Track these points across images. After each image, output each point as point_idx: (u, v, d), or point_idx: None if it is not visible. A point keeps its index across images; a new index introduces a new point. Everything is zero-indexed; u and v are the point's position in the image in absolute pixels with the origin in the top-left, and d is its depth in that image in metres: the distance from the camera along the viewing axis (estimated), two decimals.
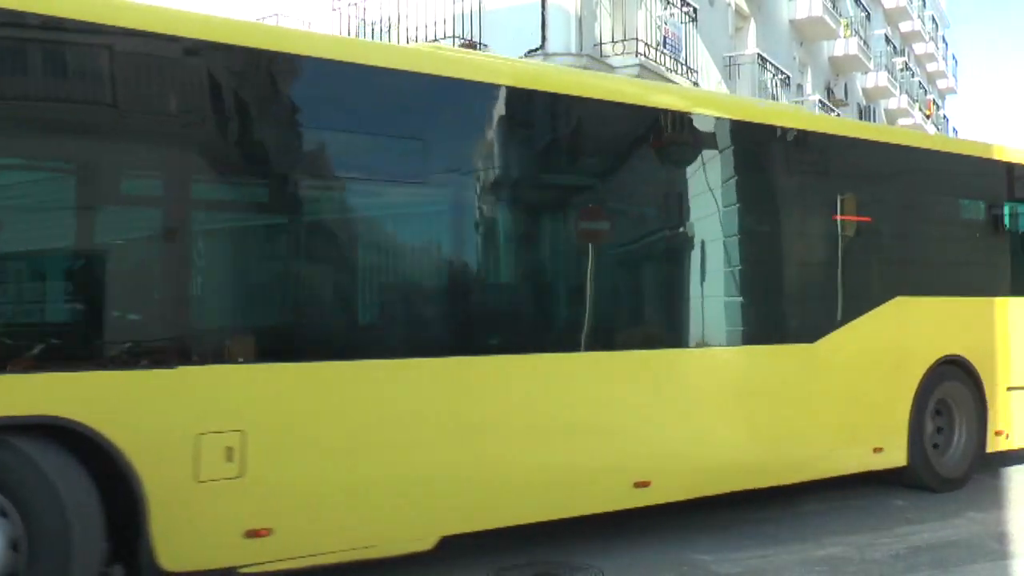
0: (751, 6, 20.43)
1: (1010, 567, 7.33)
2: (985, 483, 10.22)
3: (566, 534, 8.22)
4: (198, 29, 5.33)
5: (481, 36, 13.35)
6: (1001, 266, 10.18)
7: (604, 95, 7.33)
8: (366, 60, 6.10)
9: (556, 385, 6.83)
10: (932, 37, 43.83)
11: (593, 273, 7.30)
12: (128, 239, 5.28)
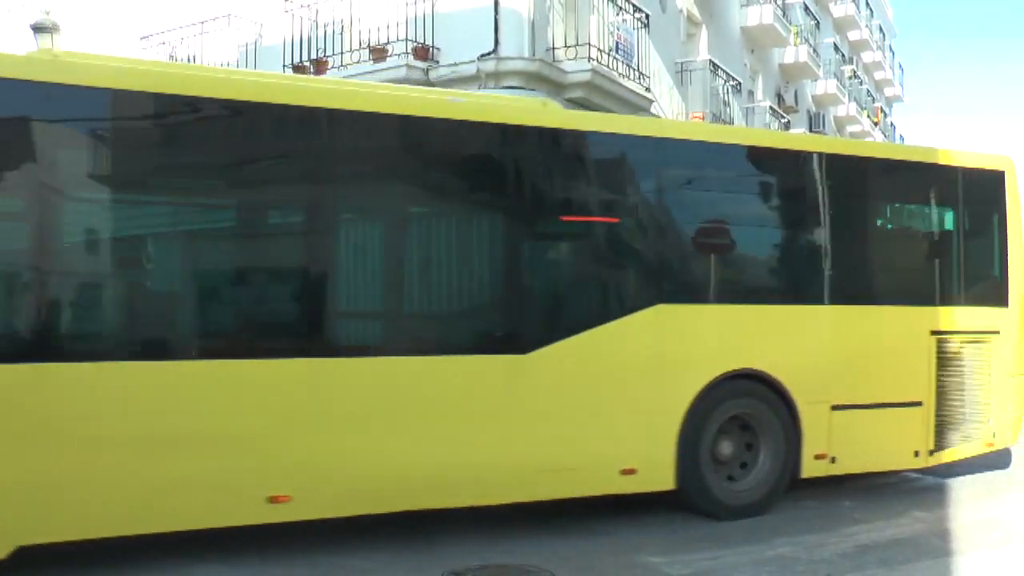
0: (703, 13, 20.61)
1: (952, 564, 7.46)
2: (929, 483, 10.40)
3: (519, 536, 8.22)
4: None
5: (434, 40, 13.33)
6: (818, 271, 9.22)
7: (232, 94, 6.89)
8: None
9: (170, 394, 6.49)
10: (879, 46, 44.51)
11: (217, 275, 7.12)
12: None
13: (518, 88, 12.94)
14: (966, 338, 9.61)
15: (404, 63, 13.01)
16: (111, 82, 6.43)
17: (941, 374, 9.47)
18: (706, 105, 18.97)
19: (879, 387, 9.20)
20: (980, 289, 9.96)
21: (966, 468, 11.15)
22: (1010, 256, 9.95)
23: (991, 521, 8.73)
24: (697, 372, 8.33)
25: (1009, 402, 9.82)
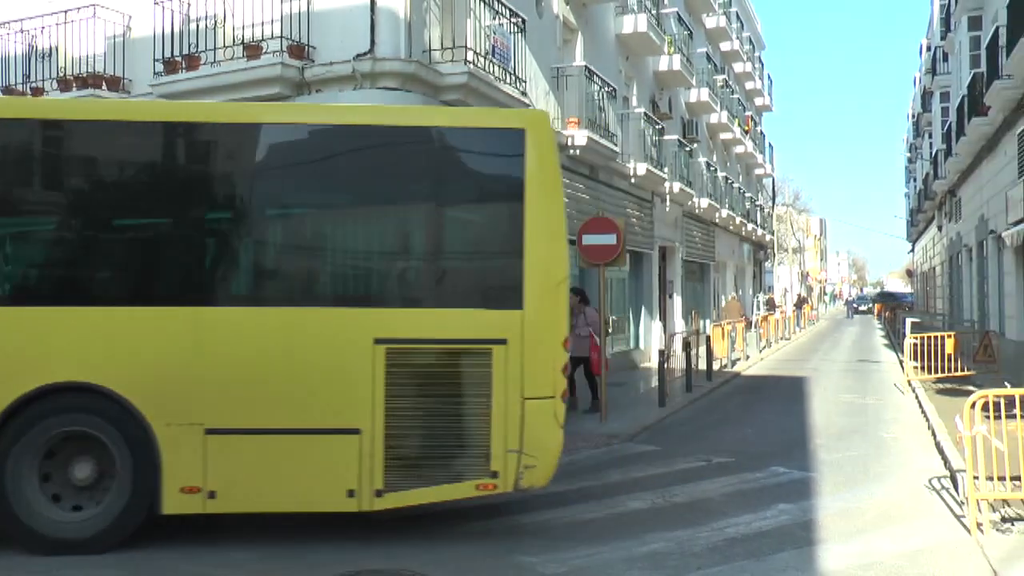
0: (579, 20, 20.89)
1: (814, 552, 7.75)
2: (795, 477, 10.78)
3: (394, 539, 8.18)
4: None
5: (309, 38, 13.14)
6: (185, 265, 8.15)
7: None
8: None
9: None
10: (750, 58, 45.95)
11: None
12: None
13: (394, 89, 12.87)
14: (444, 349, 7.86)
15: (279, 61, 12.76)
16: None
17: (397, 395, 7.74)
18: (582, 111, 19.22)
19: (285, 408, 7.75)
20: (475, 285, 8.26)
21: (828, 461, 11.65)
22: (529, 243, 7.97)
23: (849, 511, 9.13)
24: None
25: (527, 432, 7.84)
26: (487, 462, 7.81)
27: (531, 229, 7.95)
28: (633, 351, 25.61)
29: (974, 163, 26.95)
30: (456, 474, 7.80)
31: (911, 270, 72.23)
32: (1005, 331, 22.13)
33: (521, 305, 7.88)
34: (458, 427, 7.82)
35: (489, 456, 7.81)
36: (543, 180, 8.05)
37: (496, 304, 7.99)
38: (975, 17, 26.43)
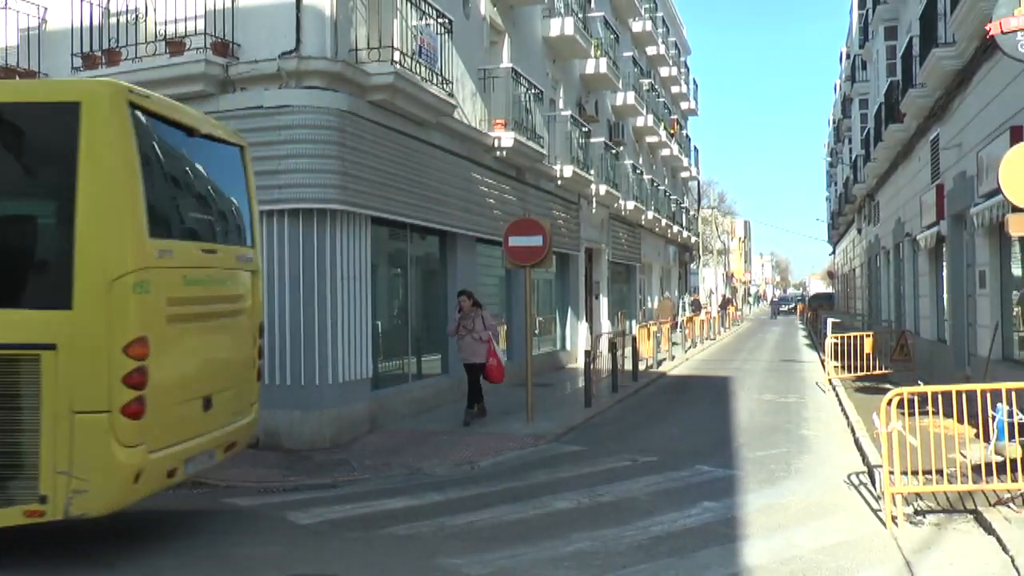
0: (506, 22, 20.91)
1: (737, 548, 7.85)
2: (719, 475, 10.89)
3: (316, 545, 8.10)
4: None
5: (234, 35, 12.91)
6: None
7: None
8: None
9: None
10: (675, 62, 46.48)
11: None
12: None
13: (320, 88, 12.74)
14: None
15: (203, 58, 12.51)
16: None
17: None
18: (509, 112, 19.24)
19: None
20: (16, 282, 7.18)
21: (752, 459, 11.83)
22: (81, 234, 6.98)
23: (772, 507, 9.27)
24: None
25: (76, 452, 6.80)
26: (36, 485, 6.78)
27: (84, 218, 6.94)
28: (559, 352, 25.72)
29: (891, 168, 27.65)
30: (6, 498, 6.78)
31: (832, 271, 73.78)
32: (920, 331, 22.74)
33: (70, 305, 6.88)
34: (2, 445, 6.80)
35: (39, 478, 6.77)
36: (101, 162, 7.02)
37: (43, 304, 6.97)
38: (891, 27, 27.14)
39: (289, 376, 12.81)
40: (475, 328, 14.80)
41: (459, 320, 14.95)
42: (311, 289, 12.82)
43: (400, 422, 14.82)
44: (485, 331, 14.86)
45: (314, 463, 11.80)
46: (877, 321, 32.85)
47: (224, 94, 12.98)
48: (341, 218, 13.16)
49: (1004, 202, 10.69)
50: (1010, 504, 8.65)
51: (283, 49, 12.61)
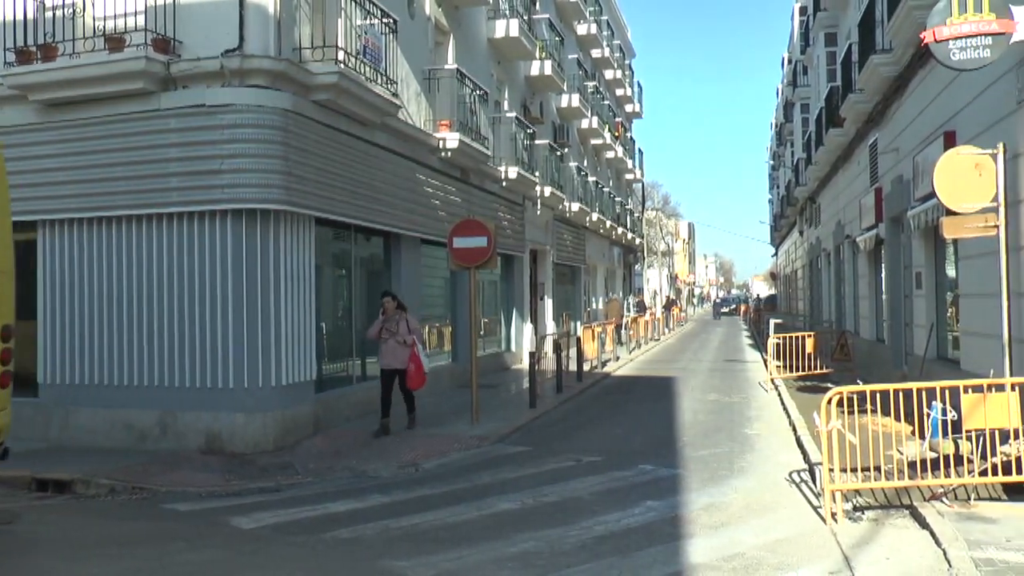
0: (451, 23, 20.88)
1: (680, 546, 7.91)
2: (662, 475, 10.98)
3: (259, 550, 8.01)
4: None
5: (175, 32, 12.71)
6: None
7: None
8: None
9: None
10: (620, 65, 46.76)
11: None
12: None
13: (264, 87, 12.61)
14: None
15: (143, 55, 12.29)
16: None
17: None
18: (453, 113, 19.22)
19: None
20: None
21: (695, 458, 11.94)
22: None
23: (715, 505, 9.36)
24: None
25: None
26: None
27: None
28: (505, 353, 25.75)
29: (832, 171, 28.11)
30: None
31: (775, 273, 74.81)
32: (860, 331, 23.13)
33: None
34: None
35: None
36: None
37: None
38: (831, 33, 27.59)
39: (232, 379, 12.67)
40: (398, 331, 14.19)
41: (382, 323, 14.34)
42: (254, 290, 12.68)
43: (345, 424, 14.72)
44: (409, 335, 14.23)
45: (257, 467, 11.67)
46: (818, 321, 33.37)
47: (165, 92, 12.79)
48: (285, 219, 13.04)
49: (939, 205, 10.91)
50: (943, 499, 8.85)
51: (226, 47, 12.45)
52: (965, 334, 12.55)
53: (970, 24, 9.64)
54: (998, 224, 9.77)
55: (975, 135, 11.53)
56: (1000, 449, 8.79)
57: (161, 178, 12.80)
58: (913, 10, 13.39)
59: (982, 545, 7.39)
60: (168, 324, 12.96)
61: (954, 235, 10.24)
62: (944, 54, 9.82)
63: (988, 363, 10.64)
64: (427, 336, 19.54)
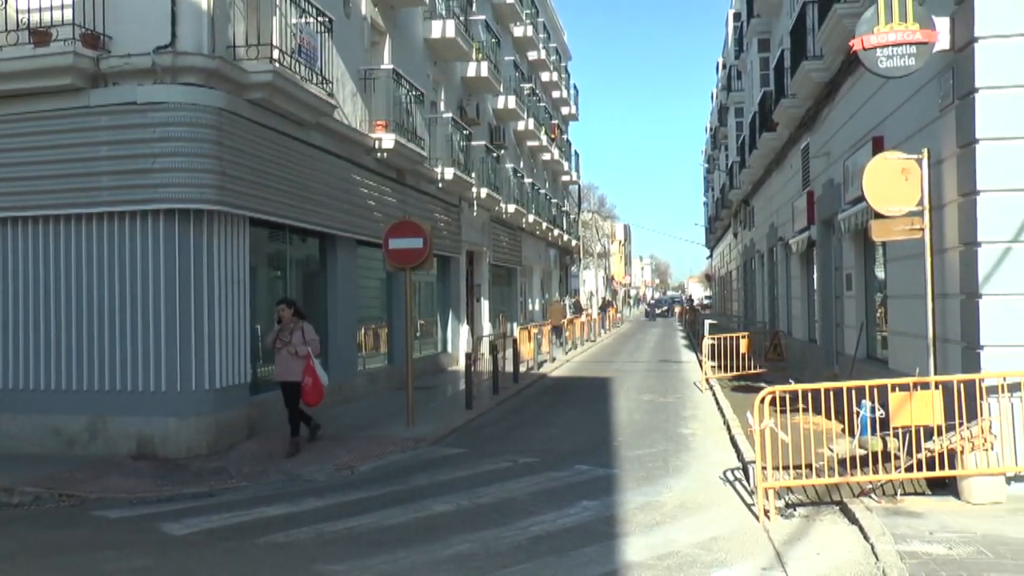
0: (387, 22, 20.78)
1: (615, 545, 7.98)
2: (598, 474, 11.05)
3: (190, 557, 7.88)
4: None
5: (105, 27, 12.45)
6: None
7: None
8: None
9: None
10: (556, 68, 46.96)
11: None
12: None
13: (197, 85, 12.42)
14: None
15: (71, 50, 12.01)
16: None
17: None
18: (389, 114, 19.14)
19: None
20: None
21: (630, 458, 12.04)
22: None
23: (650, 504, 9.45)
24: None
25: None
26: None
27: None
28: (441, 354, 25.69)
29: (765, 175, 28.56)
30: None
31: (710, 274, 75.75)
32: (792, 331, 23.52)
33: None
34: None
35: None
36: None
37: None
38: (764, 40, 28.04)
39: (164, 382, 12.45)
40: (291, 341, 12.96)
41: (277, 332, 13.23)
42: (187, 292, 12.48)
43: (280, 427, 14.53)
44: (303, 346, 12.96)
45: (190, 471, 11.49)
46: (752, 322, 33.86)
47: (94, 89, 12.53)
48: (219, 219, 12.85)
49: (867, 209, 11.15)
50: (872, 495, 9.05)
51: (158, 43, 12.23)
52: (893, 334, 12.83)
53: (896, 33, 9.88)
54: (923, 227, 10.02)
55: (902, 140, 11.79)
56: (925, 445, 9.01)
57: (90, 177, 12.53)
58: (842, 18, 13.67)
59: (908, 539, 7.59)
60: (98, 326, 12.70)
61: (882, 238, 10.47)
62: (872, 61, 10.03)
63: (914, 362, 10.89)
64: (362, 338, 19.42)
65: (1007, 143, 9.26)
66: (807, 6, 17.86)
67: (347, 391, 17.87)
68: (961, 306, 9.78)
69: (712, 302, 67.63)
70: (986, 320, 9.25)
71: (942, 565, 6.89)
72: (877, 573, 6.94)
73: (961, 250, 9.76)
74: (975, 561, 6.99)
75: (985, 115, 9.31)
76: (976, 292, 9.33)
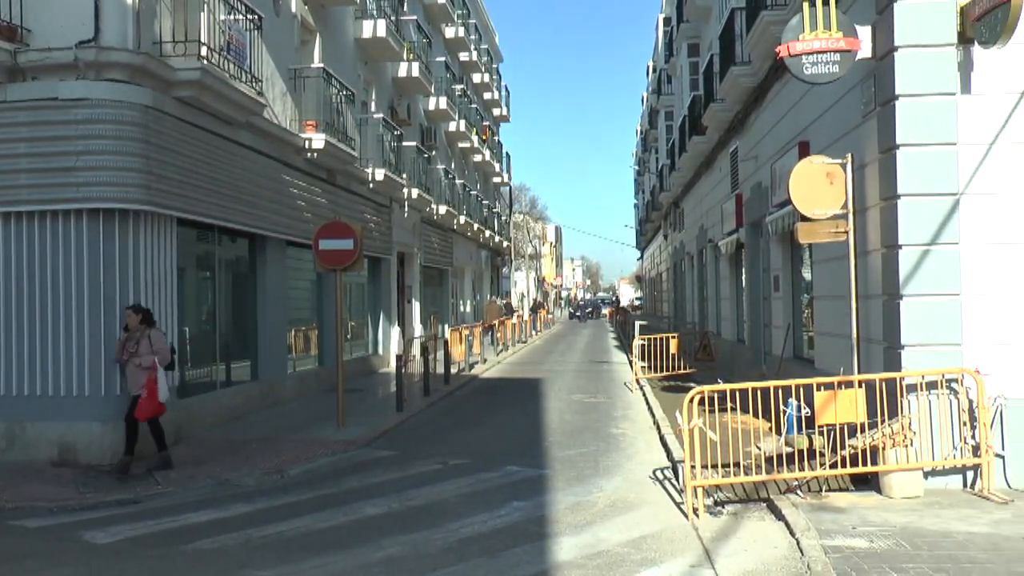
0: (317, 21, 20.60)
1: (546, 546, 8.01)
2: (529, 475, 11.08)
3: (114, 565, 7.71)
4: None
5: (23, 19, 12.10)
6: None
7: None
8: None
9: None
10: (487, 69, 47.00)
11: None
12: None
13: (122, 82, 12.17)
14: None
15: None
16: None
17: None
18: (320, 113, 18.96)
19: None
20: None
21: (561, 458, 12.08)
22: None
23: (580, 504, 9.51)
24: None
25: None
26: None
27: None
28: (372, 356, 25.54)
29: (695, 177, 28.95)
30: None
31: (640, 276, 76.46)
32: (722, 332, 23.87)
33: None
34: None
35: None
36: None
37: None
38: (694, 44, 28.43)
39: (88, 386, 12.16)
40: (138, 351, 11.59)
41: (123, 341, 11.82)
42: (112, 294, 12.21)
43: (208, 432, 14.33)
44: (150, 355, 11.55)
45: (115, 478, 11.24)
46: (682, 323, 34.29)
47: (12, 83, 12.17)
48: (145, 219, 12.60)
49: (794, 212, 11.37)
50: (798, 491, 9.24)
51: (80, 38, 11.94)
52: (819, 334, 13.09)
53: (820, 41, 10.09)
54: (848, 230, 10.24)
55: (827, 145, 12.05)
56: (849, 442, 9.23)
57: (9, 175, 12.18)
58: (769, 25, 13.94)
59: (832, 533, 7.77)
60: (17, 329, 12.34)
61: (808, 240, 10.69)
62: (798, 68, 10.24)
63: (839, 362, 11.14)
64: (293, 340, 19.21)
65: (926, 149, 9.52)
66: (735, 12, 18.16)
67: (277, 393, 17.67)
68: (883, 307, 10.02)
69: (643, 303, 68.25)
70: (906, 320, 9.49)
71: (864, 558, 7.07)
72: (802, 567, 7.08)
73: (883, 252, 10.00)
74: (894, 553, 7.20)
75: (905, 122, 9.56)
76: (897, 293, 9.57)
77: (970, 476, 9.45)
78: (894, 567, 6.86)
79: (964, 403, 9.30)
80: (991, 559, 7.03)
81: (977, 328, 9.52)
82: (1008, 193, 9.55)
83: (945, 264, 9.49)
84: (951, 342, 9.49)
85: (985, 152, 9.57)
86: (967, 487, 9.42)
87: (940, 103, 9.55)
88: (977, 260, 9.53)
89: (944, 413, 9.35)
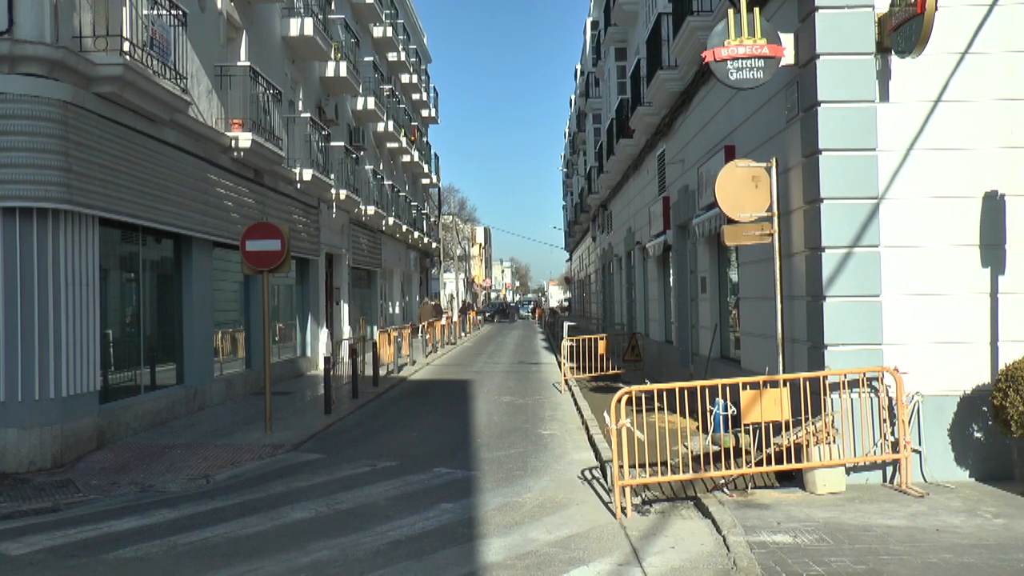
0: (243, 18, 20.31)
1: (474, 547, 8.02)
2: (457, 476, 11.07)
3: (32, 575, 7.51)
4: None
5: None
6: None
7: None
8: None
9: None
10: (416, 70, 46.85)
11: None
12: None
13: (39, 76, 11.84)
14: None
15: None
16: None
17: None
18: (246, 112, 18.69)
19: None
20: None
21: (490, 459, 12.09)
22: None
23: (509, 505, 9.52)
24: None
25: None
26: None
27: None
28: (300, 359, 25.25)
29: (623, 180, 29.18)
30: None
31: (569, 277, 76.80)
32: (650, 333, 24.09)
33: None
34: None
35: None
36: None
37: None
38: (621, 48, 28.67)
39: (3, 391, 11.79)
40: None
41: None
42: (30, 295, 11.87)
43: (132, 437, 14.03)
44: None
45: (33, 486, 10.92)
46: (611, 324, 34.54)
47: None
48: (65, 218, 12.28)
49: (720, 214, 11.54)
50: (724, 489, 9.39)
51: None
52: (745, 335, 13.30)
53: (745, 47, 10.27)
54: (772, 232, 10.43)
55: (752, 149, 12.25)
56: (774, 440, 9.40)
57: None
58: (696, 31, 14.12)
59: (757, 530, 7.90)
60: None
61: (734, 242, 10.85)
62: (723, 73, 10.39)
63: (764, 361, 11.33)
64: (219, 342, 18.90)
65: (847, 154, 9.76)
66: (662, 17, 18.37)
67: (203, 397, 17.36)
68: (807, 308, 10.23)
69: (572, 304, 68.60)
70: (829, 321, 9.71)
71: (788, 553, 7.21)
72: (728, 564, 7.19)
73: (807, 255, 10.21)
74: (817, 548, 7.36)
75: (827, 127, 9.79)
76: (820, 294, 9.77)
77: (890, 471, 9.72)
78: (817, 561, 7.01)
79: (884, 401, 9.55)
80: (908, 551, 7.24)
81: (896, 328, 9.79)
82: (924, 197, 9.83)
83: (866, 266, 9.74)
84: (872, 342, 9.73)
85: (902, 158, 9.84)
86: (887, 482, 9.68)
87: (860, 110, 9.80)
88: (896, 262, 9.79)
89: (865, 411, 9.60)
